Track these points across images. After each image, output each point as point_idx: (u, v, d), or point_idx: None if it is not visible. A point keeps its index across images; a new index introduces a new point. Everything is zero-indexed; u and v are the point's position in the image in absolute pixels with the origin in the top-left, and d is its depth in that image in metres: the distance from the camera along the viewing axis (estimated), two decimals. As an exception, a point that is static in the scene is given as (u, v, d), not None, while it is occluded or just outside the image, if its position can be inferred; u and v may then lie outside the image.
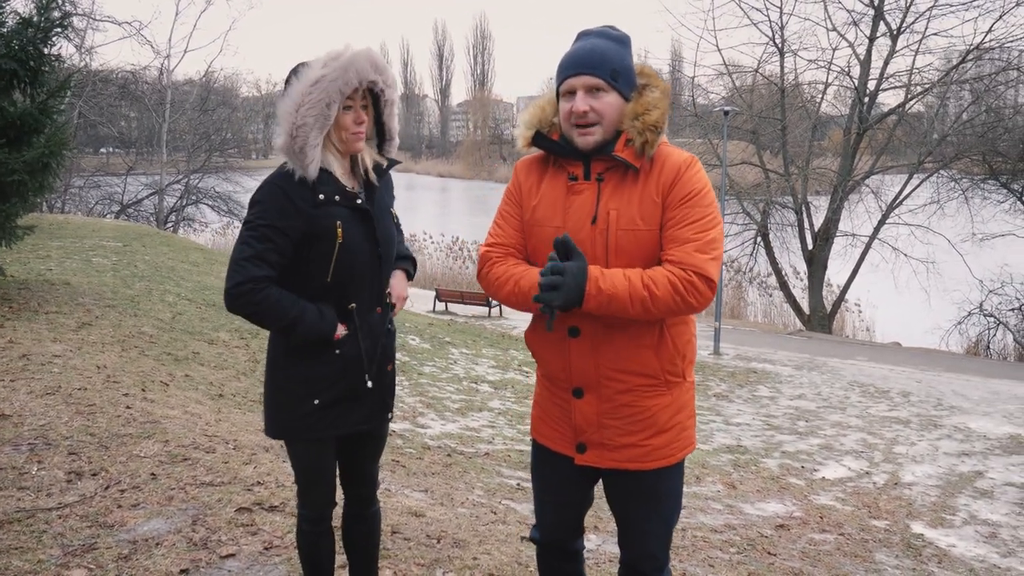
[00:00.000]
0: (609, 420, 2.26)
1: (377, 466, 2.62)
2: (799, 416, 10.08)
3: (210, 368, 7.18)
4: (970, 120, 18.77)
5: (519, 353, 12.77)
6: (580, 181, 2.26)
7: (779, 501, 6.49)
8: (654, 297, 2.09)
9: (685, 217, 2.16)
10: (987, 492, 7.15)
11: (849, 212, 19.22)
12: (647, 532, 2.33)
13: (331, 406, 2.38)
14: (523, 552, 3.52)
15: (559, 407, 2.36)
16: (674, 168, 2.20)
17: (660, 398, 2.25)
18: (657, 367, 2.23)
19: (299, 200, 2.28)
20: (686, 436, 2.32)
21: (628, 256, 2.18)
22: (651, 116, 2.20)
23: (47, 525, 3.22)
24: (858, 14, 17.83)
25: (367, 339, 2.41)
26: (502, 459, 6.52)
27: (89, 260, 11.45)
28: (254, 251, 2.26)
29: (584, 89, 2.20)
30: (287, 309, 2.28)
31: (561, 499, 2.44)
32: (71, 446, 4.08)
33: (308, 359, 2.36)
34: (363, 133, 2.38)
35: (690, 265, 2.10)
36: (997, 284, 18.53)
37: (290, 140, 2.28)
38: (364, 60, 2.30)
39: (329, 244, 2.30)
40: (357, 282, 2.38)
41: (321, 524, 2.52)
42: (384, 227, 2.45)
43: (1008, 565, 5.45)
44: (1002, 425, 9.74)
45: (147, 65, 31.83)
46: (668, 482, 2.32)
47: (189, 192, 31.64)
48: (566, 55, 2.28)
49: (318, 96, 2.25)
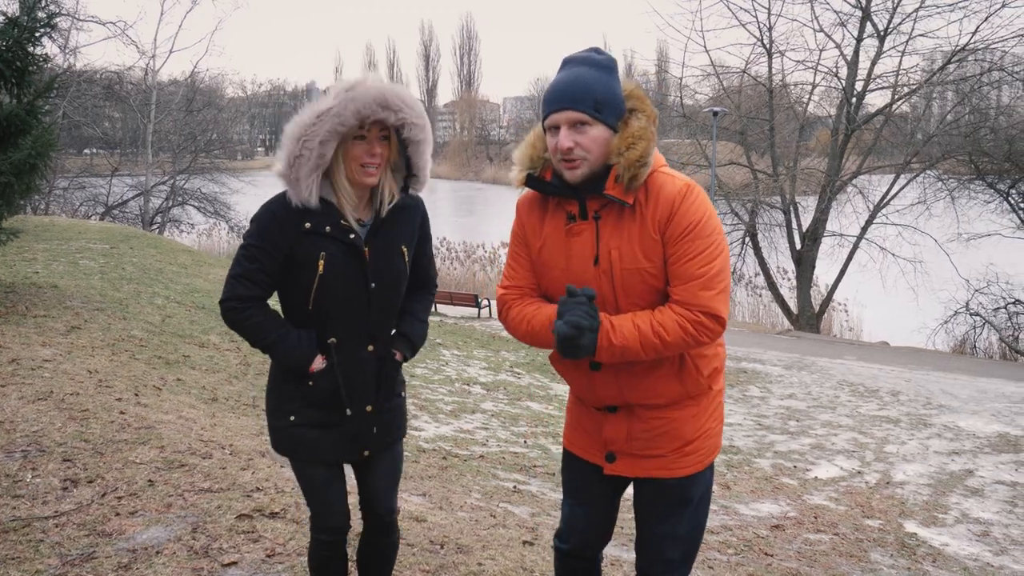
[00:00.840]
0: (639, 433, 2.30)
1: (393, 493, 2.55)
2: (790, 416, 10.11)
3: (202, 372, 7.13)
4: (955, 121, 18.91)
5: (510, 354, 12.76)
6: (578, 222, 2.23)
7: (773, 501, 6.51)
8: (665, 343, 2.11)
9: (687, 252, 2.11)
10: (978, 490, 7.19)
11: (837, 212, 19.33)
12: (667, 536, 2.35)
13: (307, 428, 2.37)
14: (527, 557, 3.51)
15: (589, 419, 2.39)
16: (668, 201, 2.14)
17: (686, 410, 2.28)
18: (680, 391, 2.26)
19: (287, 226, 2.28)
20: (713, 442, 2.35)
21: (636, 294, 2.18)
22: (634, 152, 2.13)
23: (44, 534, 3.18)
24: (845, 15, 17.96)
25: (347, 375, 2.36)
26: (497, 461, 6.51)
27: (76, 262, 11.35)
28: (242, 270, 2.30)
29: (567, 124, 2.15)
30: (267, 332, 2.31)
31: (591, 507, 2.45)
32: (65, 453, 4.03)
33: (292, 378, 2.37)
34: (374, 166, 2.30)
35: (697, 305, 2.09)
36: (983, 283, 18.66)
37: (288, 169, 2.26)
38: (368, 96, 2.21)
39: (310, 274, 2.29)
40: (338, 316, 2.34)
41: (333, 548, 2.48)
42: (382, 264, 2.37)
43: (1001, 563, 5.48)
44: (991, 423, 9.80)
45: (132, 65, 31.57)
46: (697, 487, 2.35)
47: (175, 193, 31.41)
48: (549, 87, 2.23)
49: (317, 131, 2.21)
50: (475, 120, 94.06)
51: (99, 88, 28.80)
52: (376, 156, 2.29)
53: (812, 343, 17.18)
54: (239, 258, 2.32)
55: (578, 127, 2.15)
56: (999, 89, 19.91)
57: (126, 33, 27.30)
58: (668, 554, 2.35)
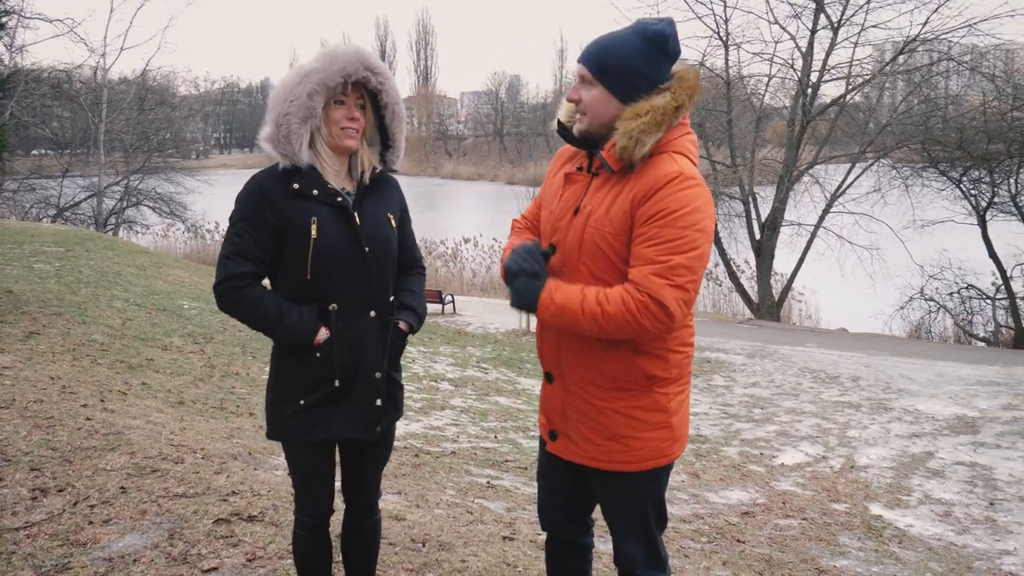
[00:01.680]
0: (572, 412, 2.30)
1: (379, 476, 2.58)
2: (754, 404, 10.25)
3: (166, 375, 7.02)
4: (908, 110, 19.28)
5: (476, 350, 12.75)
6: (580, 172, 2.30)
7: (742, 489, 6.60)
8: (605, 314, 2.08)
9: (652, 236, 2.08)
10: (939, 472, 7.36)
11: (795, 202, 19.60)
12: (621, 532, 2.37)
13: (314, 408, 2.35)
14: (508, 552, 3.52)
15: (542, 393, 2.44)
16: (650, 182, 2.11)
17: (616, 402, 2.23)
18: (609, 371, 2.22)
19: (274, 196, 2.30)
20: (652, 448, 2.25)
21: (593, 255, 2.19)
22: (632, 124, 2.12)
23: (15, 546, 3.11)
24: (799, 7, 18.19)
25: (348, 342, 2.36)
26: (469, 457, 6.51)
27: (31, 266, 11.11)
28: (234, 247, 2.29)
29: (579, 77, 2.22)
30: (268, 309, 2.29)
31: (548, 482, 2.48)
32: (32, 462, 3.95)
33: (298, 360, 2.35)
34: (354, 130, 2.36)
35: (645, 288, 2.05)
36: (936, 269, 19.07)
37: (275, 129, 2.30)
38: (352, 56, 2.30)
39: (303, 241, 2.29)
40: (338, 281, 2.34)
41: (317, 530, 2.49)
42: (373, 229, 2.40)
43: (964, 542, 5.62)
44: (948, 406, 10.03)
45: (81, 64, 30.88)
46: (636, 487, 2.30)
47: (129, 194, 30.83)
48: None
49: (304, 88, 2.27)
50: (433, 115, 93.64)
51: (47, 87, 28.13)
52: (355, 120, 2.36)
53: (773, 331, 17.43)
54: (228, 238, 2.31)
55: (585, 83, 2.21)
56: (948, 78, 20.33)
57: (74, 31, 26.70)
58: (628, 548, 2.36)
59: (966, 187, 18.29)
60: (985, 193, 18.23)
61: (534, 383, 10.49)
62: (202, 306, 11.03)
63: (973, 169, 17.76)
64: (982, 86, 18.81)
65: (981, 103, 18.28)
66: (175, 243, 32.00)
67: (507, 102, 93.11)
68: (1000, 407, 9.94)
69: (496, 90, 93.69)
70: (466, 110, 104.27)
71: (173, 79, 47.66)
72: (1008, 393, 10.79)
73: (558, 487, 2.45)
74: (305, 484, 2.44)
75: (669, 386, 2.25)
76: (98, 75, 29.77)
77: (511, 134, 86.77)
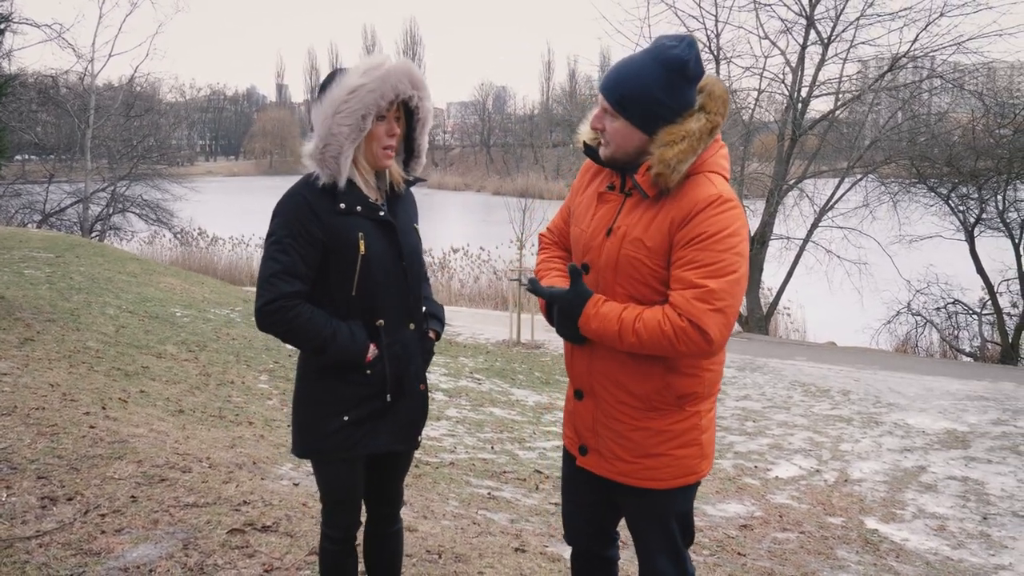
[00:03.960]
0: (603, 429, 2.31)
1: (403, 485, 2.59)
2: (746, 417, 10.29)
3: (163, 383, 6.99)
4: (896, 127, 19.44)
5: (468, 360, 12.74)
6: (613, 192, 2.30)
7: (739, 502, 6.63)
8: (642, 341, 2.10)
9: (692, 260, 2.07)
10: (931, 486, 7.42)
11: (784, 216, 19.68)
12: (652, 549, 2.37)
13: (360, 424, 2.34)
14: (523, 564, 3.53)
15: (570, 407, 2.45)
16: (689, 205, 2.11)
17: (648, 422, 2.24)
18: (640, 391, 2.23)
19: (320, 210, 2.25)
20: (682, 465, 2.26)
21: (629, 276, 2.19)
22: (669, 151, 2.10)
23: (28, 555, 3.09)
24: (790, 22, 18.31)
25: (396, 356, 2.37)
26: (467, 468, 6.51)
27: (21, 272, 11.03)
28: (281, 265, 2.21)
29: (601, 107, 2.22)
30: (320, 329, 2.24)
31: (577, 498, 2.49)
32: (39, 470, 3.92)
33: (339, 376, 2.33)
34: (394, 146, 2.35)
35: (686, 313, 2.04)
36: (924, 284, 19.20)
37: (322, 147, 2.24)
38: (402, 73, 2.27)
39: (351, 256, 2.27)
40: (383, 296, 2.33)
41: (346, 544, 2.49)
42: (409, 241, 2.41)
43: (960, 556, 5.67)
44: (938, 420, 10.10)
45: (68, 69, 30.68)
46: (666, 504, 2.31)
47: (115, 200, 30.63)
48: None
49: (355, 105, 2.22)
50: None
51: (34, 92, 27.96)
52: (394, 136, 2.34)
53: (762, 344, 17.49)
54: (272, 255, 2.23)
55: (607, 114, 2.21)
56: (939, 95, 20.51)
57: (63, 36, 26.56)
58: (657, 563, 2.37)
59: (954, 203, 18.46)
60: (973, 209, 18.39)
61: (527, 394, 10.50)
62: (194, 314, 10.99)
63: (961, 185, 17.92)
64: (970, 103, 19.00)
65: (970, 120, 18.46)
66: (161, 250, 31.82)
67: (494, 113, 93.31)
68: (990, 422, 10.03)
69: (483, 101, 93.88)
70: (453, 120, 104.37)
71: (159, 86, 47.54)
72: (997, 408, 10.89)
73: (585, 502, 2.46)
74: (338, 500, 2.43)
75: (701, 403, 2.28)
76: (85, 81, 29.62)
77: (498, 145, 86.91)
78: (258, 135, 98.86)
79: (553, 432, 8.06)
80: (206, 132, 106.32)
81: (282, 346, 9.75)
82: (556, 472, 6.20)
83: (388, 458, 2.48)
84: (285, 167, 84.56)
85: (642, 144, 2.17)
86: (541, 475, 6.11)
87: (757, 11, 18.38)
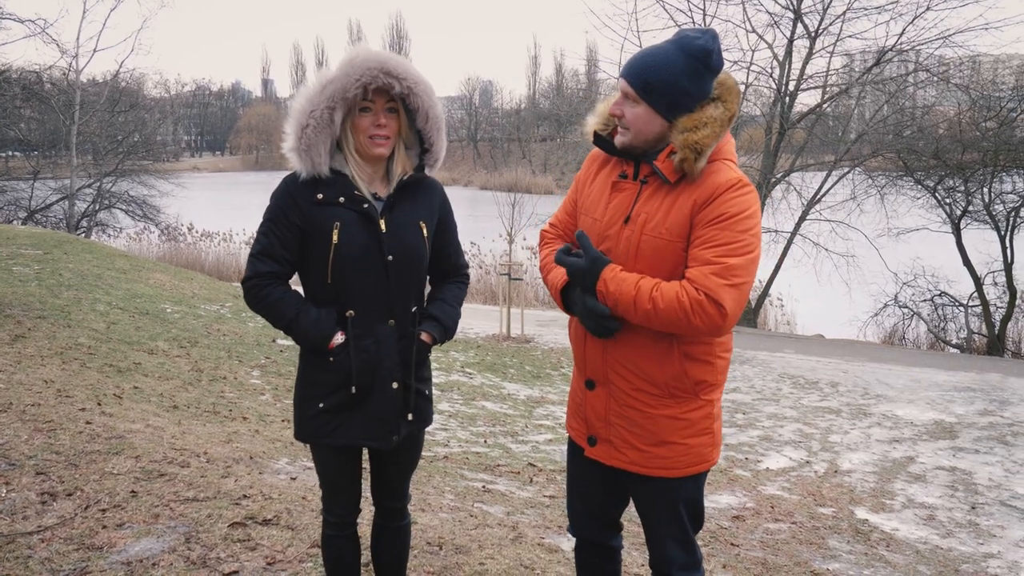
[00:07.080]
0: (616, 418, 2.33)
1: (406, 481, 2.59)
2: (736, 409, 10.36)
3: (155, 379, 6.98)
4: (883, 120, 19.54)
5: (459, 354, 12.76)
6: (627, 180, 2.31)
7: (731, 493, 6.68)
8: (657, 309, 2.12)
9: (712, 239, 2.12)
10: (920, 476, 7.50)
11: (772, 209, 19.75)
12: (663, 536, 2.40)
13: (334, 413, 2.37)
14: (523, 555, 3.56)
15: (578, 398, 2.45)
16: (711, 188, 2.16)
17: (665, 409, 2.27)
18: (659, 377, 2.25)
19: (301, 199, 2.32)
20: (696, 453, 2.31)
21: (650, 262, 2.21)
22: (694, 135, 2.16)
23: (31, 550, 3.10)
24: (777, 16, 18.36)
25: (363, 350, 2.36)
26: (461, 462, 6.53)
27: (9, 269, 10.98)
28: (261, 247, 2.33)
29: (622, 93, 2.24)
30: (286, 310, 2.32)
31: (583, 490, 2.51)
32: (37, 466, 3.93)
33: (318, 363, 2.37)
34: (383, 137, 2.35)
35: (703, 287, 2.08)
36: (910, 276, 19.34)
37: (296, 141, 2.30)
38: (368, 62, 2.26)
39: (324, 245, 2.31)
40: (356, 288, 2.34)
41: (345, 530, 2.52)
42: (398, 237, 2.38)
43: (949, 546, 5.74)
44: (926, 412, 10.20)
45: (52, 65, 30.43)
46: (677, 492, 2.35)
47: (101, 196, 30.42)
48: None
49: (322, 99, 2.26)
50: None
51: (18, 88, 27.71)
52: (383, 127, 2.33)
53: (751, 337, 17.57)
54: (257, 236, 2.36)
55: (628, 100, 2.23)
56: (925, 88, 20.60)
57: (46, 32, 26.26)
58: (669, 551, 2.41)
59: (941, 195, 18.59)
60: (959, 202, 18.53)
61: (518, 388, 10.54)
62: (184, 310, 10.96)
63: (948, 178, 18.04)
64: (956, 96, 19.12)
65: (956, 113, 18.57)
66: (148, 246, 31.65)
67: (481, 107, 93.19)
68: (976, 412, 10.14)
69: (470, 95, 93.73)
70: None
71: (144, 81, 47.23)
72: (984, 399, 11.01)
73: (591, 493, 2.49)
74: (330, 485, 2.48)
75: (713, 392, 2.32)
76: (70, 76, 29.37)
77: (485, 139, 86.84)
78: (244, 130, 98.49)
79: (545, 426, 8.09)
80: (192, 128, 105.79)
81: (273, 342, 9.75)
82: (549, 465, 6.25)
83: (386, 452, 2.50)
84: (271, 162, 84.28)
85: (662, 131, 2.22)
86: (534, 468, 6.14)
87: (744, 5, 18.42)
